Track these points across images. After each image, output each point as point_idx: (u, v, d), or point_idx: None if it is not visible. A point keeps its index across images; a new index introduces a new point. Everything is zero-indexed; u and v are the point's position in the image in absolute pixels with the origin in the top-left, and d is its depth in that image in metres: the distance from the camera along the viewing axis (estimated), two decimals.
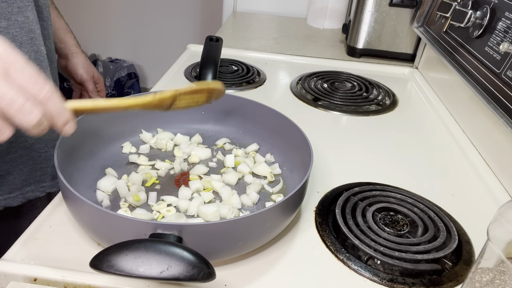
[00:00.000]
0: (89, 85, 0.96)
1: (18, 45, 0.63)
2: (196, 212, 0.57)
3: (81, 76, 0.94)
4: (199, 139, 0.72)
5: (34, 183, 0.74)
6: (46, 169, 0.74)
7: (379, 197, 0.61)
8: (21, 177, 0.71)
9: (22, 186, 0.72)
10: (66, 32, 0.92)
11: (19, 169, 0.71)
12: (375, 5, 1.17)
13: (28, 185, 0.73)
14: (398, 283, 0.49)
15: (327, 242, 0.55)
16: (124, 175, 0.63)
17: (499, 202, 0.64)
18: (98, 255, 0.39)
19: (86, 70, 0.95)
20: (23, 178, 0.72)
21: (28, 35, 0.65)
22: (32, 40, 0.66)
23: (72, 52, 0.93)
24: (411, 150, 0.80)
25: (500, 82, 0.69)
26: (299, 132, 0.63)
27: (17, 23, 0.63)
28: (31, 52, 0.66)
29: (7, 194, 0.71)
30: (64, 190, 0.49)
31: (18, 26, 0.63)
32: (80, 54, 0.94)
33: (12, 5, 0.62)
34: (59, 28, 0.90)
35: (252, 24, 1.53)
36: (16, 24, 0.63)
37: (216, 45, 0.85)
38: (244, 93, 0.95)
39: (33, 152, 0.71)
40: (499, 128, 0.71)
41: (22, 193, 0.73)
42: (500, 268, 0.38)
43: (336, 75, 1.08)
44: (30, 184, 0.73)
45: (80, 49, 0.95)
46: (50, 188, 0.76)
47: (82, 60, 0.94)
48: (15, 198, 0.72)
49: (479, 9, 0.80)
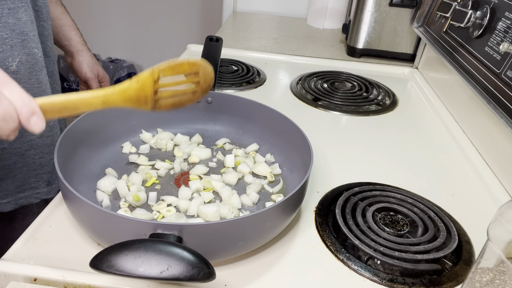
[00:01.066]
0: (93, 84, 0.96)
1: (8, 48, 0.62)
2: (196, 212, 0.57)
3: (85, 74, 0.94)
4: (199, 139, 0.72)
5: (28, 190, 0.73)
6: (41, 176, 0.74)
7: (379, 197, 0.61)
8: (14, 184, 0.71)
9: (15, 192, 0.71)
10: (72, 29, 0.91)
11: (13, 175, 0.70)
12: (375, 5, 1.17)
13: (22, 191, 0.72)
14: (398, 283, 0.49)
15: (327, 242, 0.55)
16: (124, 175, 0.63)
17: (499, 202, 0.64)
18: (98, 255, 0.39)
19: (90, 68, 0.94)
20: (16, 184, 0.71)
21: (20, 38, 0.63)
22: (24, 42, 0.64)
23: (78, 49, 0.92)
24: (411, 150, 0.80)
25: (500, 82, 0.69)
26: (299, 132, 0.63)
27: (7, 25, 0.61)
28: (22, 54, 0.64)
29: (0, 199, 0.70)
30: (64, 190, 0.49)
31: (9, 28, 0.62)
32: (86, 52, 0.94)
33: (2, 7, 0.60)
34: (65, 25, 0.90)
35: (252, 24, 1.53)
36: (6, 26, 0.61)
37: (216, 45, 0.85)
38: (244, 93, 0.95)
39: (27, 158, 0.71)
40: (499, 128, 0.71)
41: (14, 199, 0.72)
42: (500, 268, 0.38)
43: (336, 75, 1.08)
44: (24, 191, 0.72)
45: (86, 46, 0.94)
46: (45, 195, 0.75)
47: (87, 58, 0.94)
48: (7, 204, 0.71)
49: (479, 9, 0.80)
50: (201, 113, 0.75)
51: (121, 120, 0.69)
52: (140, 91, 0.47)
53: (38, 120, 0.39)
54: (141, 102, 0.48)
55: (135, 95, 0.47)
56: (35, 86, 0.68)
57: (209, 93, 0.74)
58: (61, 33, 0.90)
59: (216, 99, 0.74)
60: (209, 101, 0.74)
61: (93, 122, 0.64)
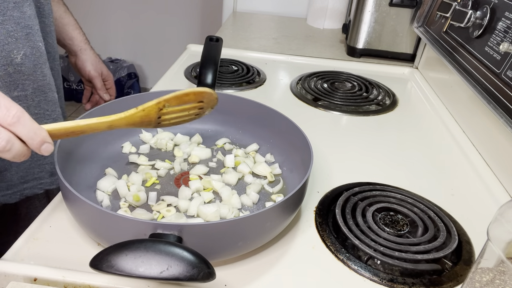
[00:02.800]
0: (97, 83, 0.96)
1: (13, 41, 0.63)
2: (196, 212, 0.57)
3: (89, 73, 0.94)
4: (199, 139, 0.72)
5: (32, 180, 0.74)
6: (44, 166, 0.74)
7: (379, 197, 0.61)
8: (18, 174, 0.71)
9: (19, 182, 0.72)
10: (75, 28, 0.91)
11: (16, 165, 0.70)
12: (375, 5, 1.17)
13: (26, 182, 0.73)
14: (398, 283, 0.49)
15: (327, 242, 0.55)
16: (124, 175, 0.63)
17: (499, 202, 0.64)
18: (98, 255, 0.39)
19: (94, 67, 0.94)
20: (20, 175, 0.72)
21: (24, 31, 0.64)
22: (29, 35, 0.65)
23: (81, 48, 0.92)
24: (411, 150, 0.80)
25: (500, 82, 0.69)
26: (299, 132, 0.63)
27: (13, 18, 0.62)
28: (27, 47, 0.65)
29: (5, 190, 0.71)
30: (64, 190, 0.49)
31: (14, 21, 0.63)
32: (89, 50, 0.94)
33: (8, 0, 0.62)
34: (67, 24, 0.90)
35: (252, 24, 1.53)
36: (11, 19, 0.62)
37: (216, 45, 0.85)
38: (244, 93, 0.95)
39: None
40: (499, 128, 0.71)
41: (19, 190, 0.73)
42: (500, 268, 0.38)
43: (336, 75, 1.08)
44: (28, 181, 0.73)
45: (89, 45, 0.94)
46: (48, 185, 0.76)
47: (91, 56, 0.94)
48: (12, 195, 0.72)
49: (479, 9, 0.80)
50: None
51: None
52: (145, 117, 0.49)
53: (47, 146, 0.43)
54: (144, 124, 0.51)
55: (139, 120, 0.49)
56: (40, 79, 0.69)
57: None
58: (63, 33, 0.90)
59: None
60: None
61: None
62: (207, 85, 0.77)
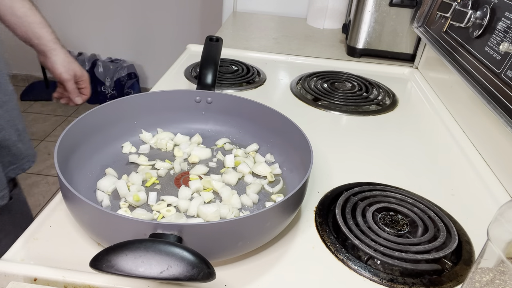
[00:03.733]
0: (69, 86, 0.89)
1: None
2: (196, 212, 0.57)
3: (60, 76, 0.87)
4: (199, 139, 0.72)
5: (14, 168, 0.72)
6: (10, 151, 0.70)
7: (379, 197, 0.61)
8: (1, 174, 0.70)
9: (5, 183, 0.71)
10: (42, 26, 0.84)
11: None
12: (375, 5, 1.17)
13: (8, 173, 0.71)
14: (398, 283, 0.49)
15: (327, 242, 0.55)
16: (124, 175, 0.63)
17: (499, 202, 0.64)
18: (98, 255, 0.39)
19: (66, 69, 0.87)
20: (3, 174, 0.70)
21: None
22: None
23: (50, 48, 0.85)
24: (411, 150, 0.80)
25: (500, 82, 0.69)
26: (299, 132, 0.63)
27: None
28: None
29: None
30: (64, 190, 0.49)
31: None
32: (59, 50, 0.87)
33: None
34: (33, 22, 0.83)
35: (252, 24, 1.53)
36: None
37: (216, 45, 0.85)
38: (244, 93, 0.95)
39: None
40: (499, 128, 0.71)
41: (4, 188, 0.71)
42: (500, 268, 0.38)
43: (336, 75, 1.08)
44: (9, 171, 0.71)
45: (59, 44, 0.87)
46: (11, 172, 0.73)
47: (61, 57, 0.87)
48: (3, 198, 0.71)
49: (479, 9, 0.80)
50: (201, 113, 0.75)
51: (121, 120, 0.69)
52: None
53: None
54: None
55: None
56: None
57: (209, 93, 0.74)
58: (30, 31, 0.83)
59: (216, 99, 0.74)
60: (209, 101, 0.74)
61: (93, 122, 0.64)
62: (207, 85, 0.77)
